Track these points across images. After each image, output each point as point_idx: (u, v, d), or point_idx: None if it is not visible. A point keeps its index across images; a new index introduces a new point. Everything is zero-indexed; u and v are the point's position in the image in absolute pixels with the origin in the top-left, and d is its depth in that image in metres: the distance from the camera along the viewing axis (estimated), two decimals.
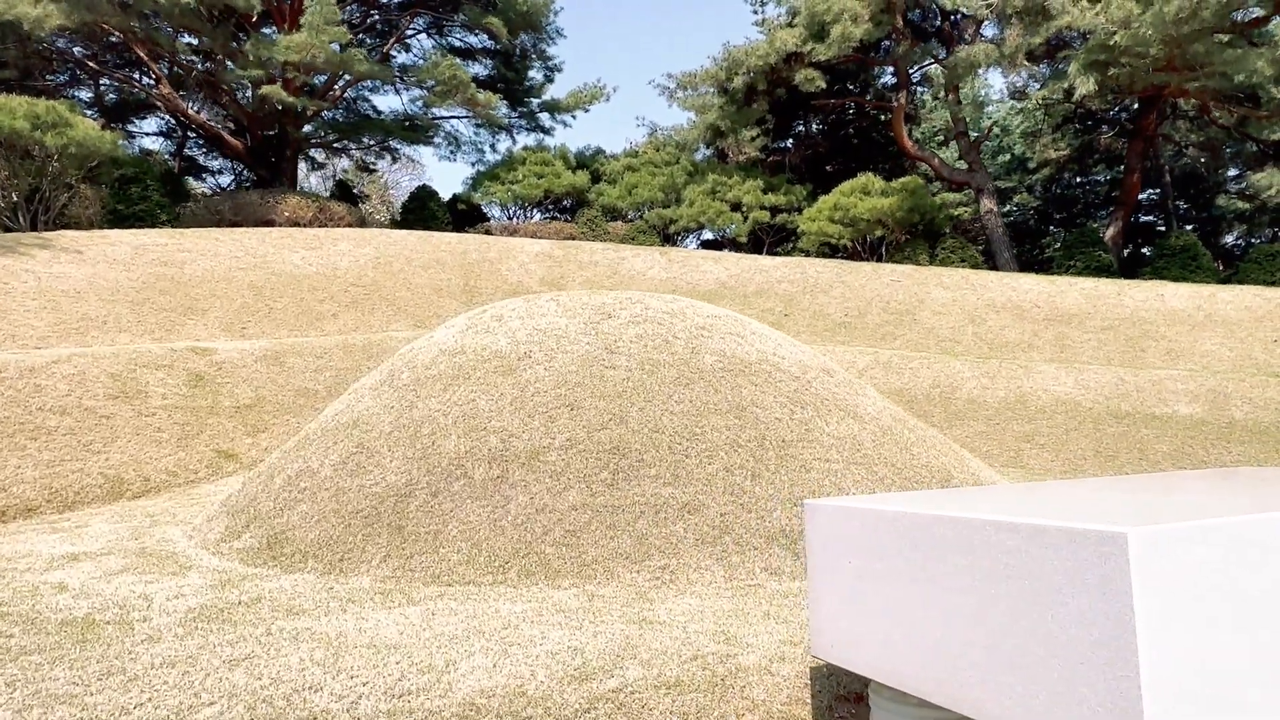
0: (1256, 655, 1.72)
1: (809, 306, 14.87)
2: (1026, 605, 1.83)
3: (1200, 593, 1.68)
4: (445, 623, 3.66)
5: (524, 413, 5.54)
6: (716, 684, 3.01)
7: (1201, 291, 12.57)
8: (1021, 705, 1.84)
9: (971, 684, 1.99)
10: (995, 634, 1.91)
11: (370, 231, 16.68)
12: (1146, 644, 1.59)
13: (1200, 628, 1.67)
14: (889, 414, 6.63)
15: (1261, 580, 1.75)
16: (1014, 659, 1.86)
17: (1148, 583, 1.61)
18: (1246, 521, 1.77)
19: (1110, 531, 1.64)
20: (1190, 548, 1.68)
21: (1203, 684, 1.65)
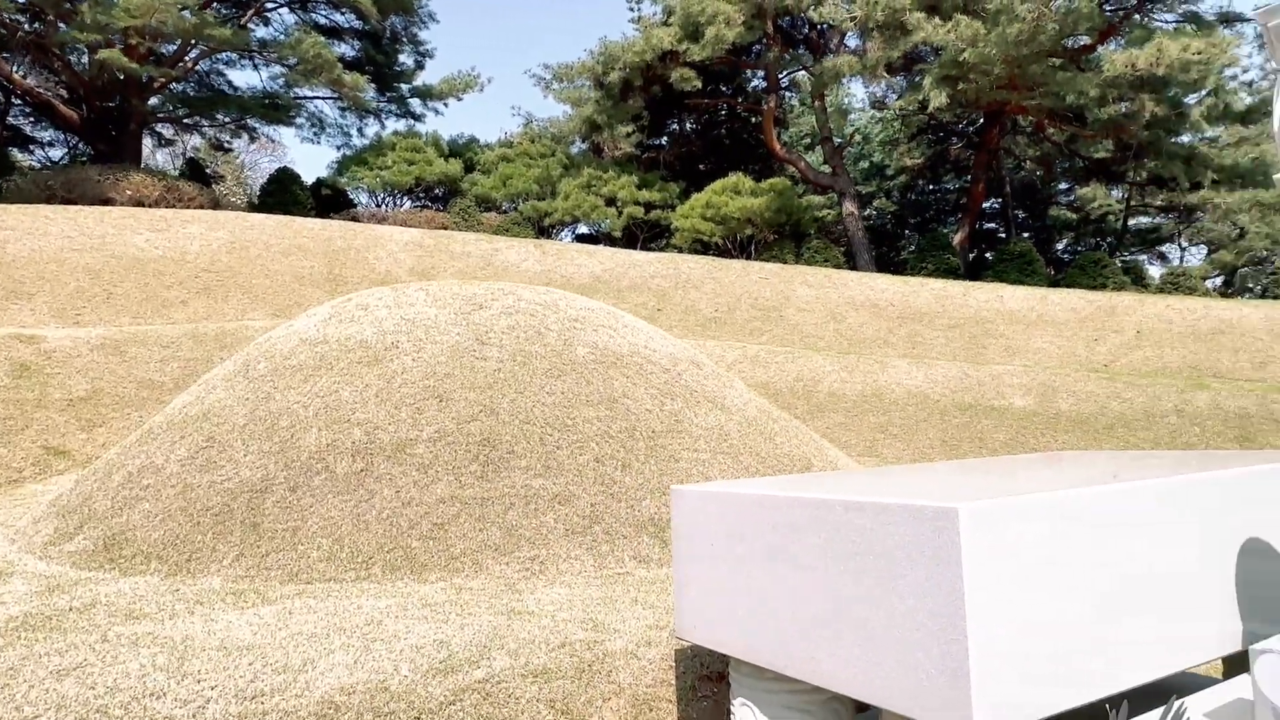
0: (1074, 617, 1.91)
1: (681, 301, 15.15)
2: (872, 579, 1.95)
3: (1024, 561, 1.84)
4: (303, 621, 3.52)
5: (390, 404, 5.39)
6: (583, 670, 3.04)
7: (1035, 294, 13.69)
8: (865, 673, 1.97)
9: (822, 656, 2.10)
10: (844, 607, 2.03)
11: (225, 214, 15.70)
12: (973, 609, 1.73)
13: (1023, 593, 1.83)
14: (754, 406, 6.87)
15: (1078, 548, 1.94)
16: (860, 630, 1.98)
17: (975, 553, 1.75)
18: (1065, 496, 1.95)
19: (943, 507, 1.78)
20: (1014, 520, 1.83)
21: (1026, 645, 1.81)
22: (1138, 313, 12.50)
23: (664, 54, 19.66)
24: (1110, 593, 1.98)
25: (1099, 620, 1.95)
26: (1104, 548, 1.97)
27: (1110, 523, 1.99)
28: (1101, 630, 1.95)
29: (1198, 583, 2.22)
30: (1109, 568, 1.98)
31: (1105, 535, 1.98)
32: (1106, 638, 1.95)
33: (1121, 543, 2.01)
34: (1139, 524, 2.06)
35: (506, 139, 24.65)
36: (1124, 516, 2.03)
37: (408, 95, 23.79)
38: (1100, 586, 1.96)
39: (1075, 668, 1.89)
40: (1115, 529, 2.00)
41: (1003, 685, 1.74)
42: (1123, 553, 2.02)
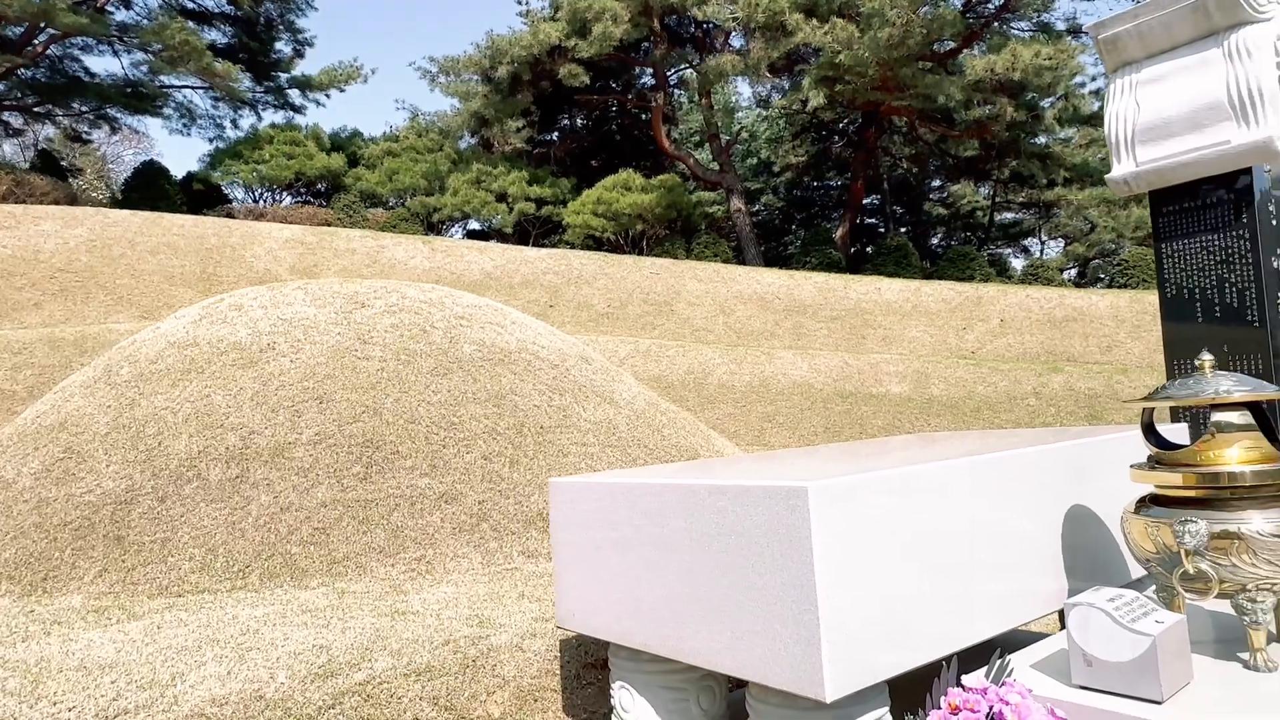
0: (917, 583, 2.07)
1: (573, 297, 15.17)
2: (734, 558, 2.06)
3: (869, 533, 1.98)
4: (173, 635, 3.38)
5: (267, 407, 5.21)
6: (467, 666, 3.05)
7: (910, 286, 14.42)
8: (731, 648, 2.07)
9: (692, 635, 2.19)
10: (710, 587, 2.13)
11: (84, 210, 14.68)
12: (823, 581, 1.86)
13: (870, 563, 1.97)
14: (643, 399, 6.99)
15: (919, 519, 2.10)
16: (725, 608, 2.09)
17: (824, 528, 1.88)
18: (907, 471, 2.11)
19: (794, 486, 1.90)
20: (859, 495, 1.97)
21: (873, 611, 1.95)
22: (1001, 303, 13.37)
23: (552, 49, 19.60)
24: (951, 558, 2.15)
25: (941, 584, 2.12)
26: (943, 517, 2.14)
27: (949, 494, 2.17)
28: (943, 593, 2.12)
29: (1031, 546, 2.43)
30: (949, 535, 2.15)
31: (944, 505, 2.15)
32: (948, 600, 2.12)
33: (960, 512, 2.19)
34: (976, 494, 2.25)
35: (392, 133, 24.01)
36: (962, 488, 2.21)
37: (286, 86, 22.83)
38: (941, 553, 2.13)
39: (920, 630, 2.05)
40: (954, 499, 2.18)
41: (852, 650, 1.88)
42: (962, 521, 2.20)
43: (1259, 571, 1.94)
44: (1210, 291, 4.78)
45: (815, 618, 1.85)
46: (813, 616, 1.86)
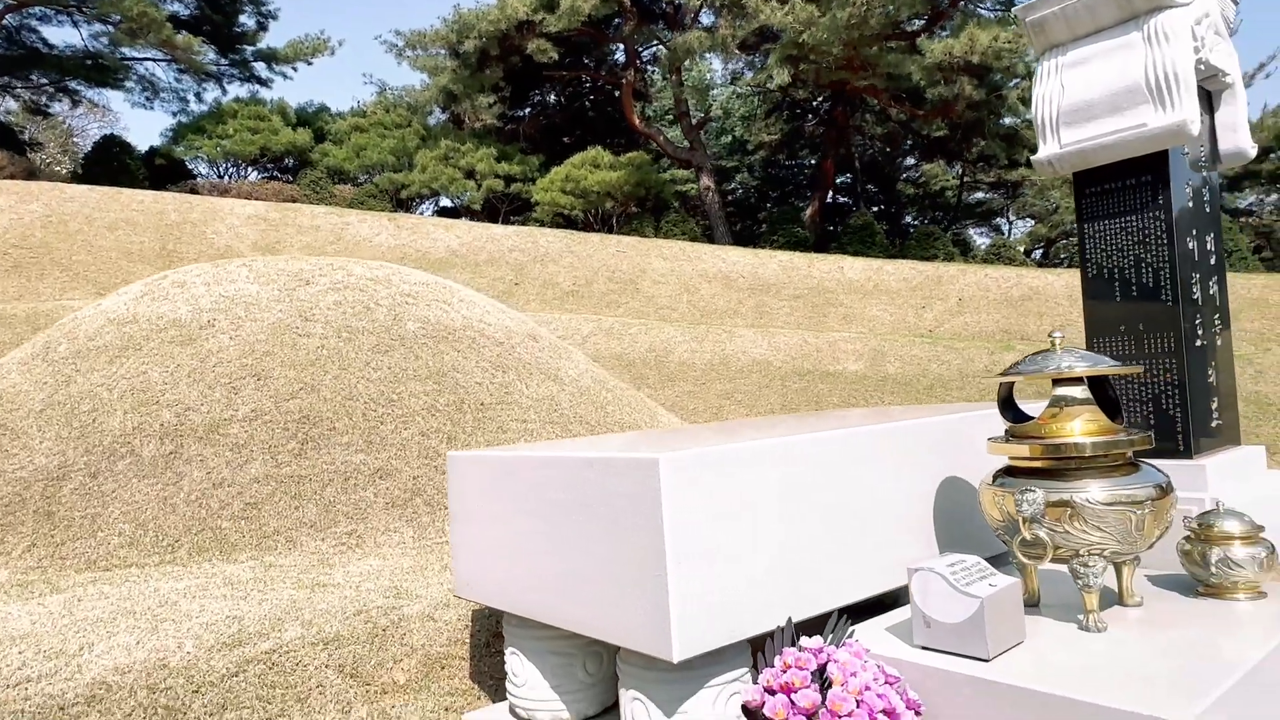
0: (771, 551, 2.16)
1: (539, 275, 15.17)
2: (602, 528, 2.14)
3: (720, 503, 2.07)
4: (91, 607, 3.43)
5: (203, 384, 5.23)
6: (377, 635, 3.13)
7: (872, 265, 14.55)
8: (602, 614, 2.15)
9: (568, 602, 2.28)
10: (583, 555, 2.21)
11: (39, 185, 14.45)
12: (673, 546, 1.94)
13: (720, 531, 2.06)
14: (590, 376, 7.06)
15: (781, 489, 2.19)
16: (596, 574, 2.17)
17: (674, 498, 1.96)
18: (763, 444, 2.19)
19: (648, 458, 1.97)
20: (712, 467, 2.05)
21: (724, 577, 2.04)
22: (960, 282, 13.53)
23: (520, 24, 19.42)
24: (809, 527, 2.24)
25: (799, 552, 2.21)
26: (802, 488, 2.23)
27: (808, 466, 2.26)
28: (801, 560, 2.21)
29: (898, 517, 2.53)
30: (809, 505, 2.24)
31: (803, 477, 2.24)
32: (806, 567, 2.22)
33: (821, 483, 2.28)
34: (839, 466, 2.34)
35: (359, 108, 23.72)
36: (823, 460, 2.30)
37: (250, 59, 22.47)
38: (800, 522, 2.22)
39: (775, 595, 2.14)
40: (814, 471, 2.27)
41: (700, 614, 1.97)
42: (823, 492, 2.29)
43: (1089, 538, 2.05)
44: (1128, 271, 4.91)
45: (664, 582, 1.94)
46: (662, 581, 1.95)
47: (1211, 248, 5.07)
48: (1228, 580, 2.22)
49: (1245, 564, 2.20)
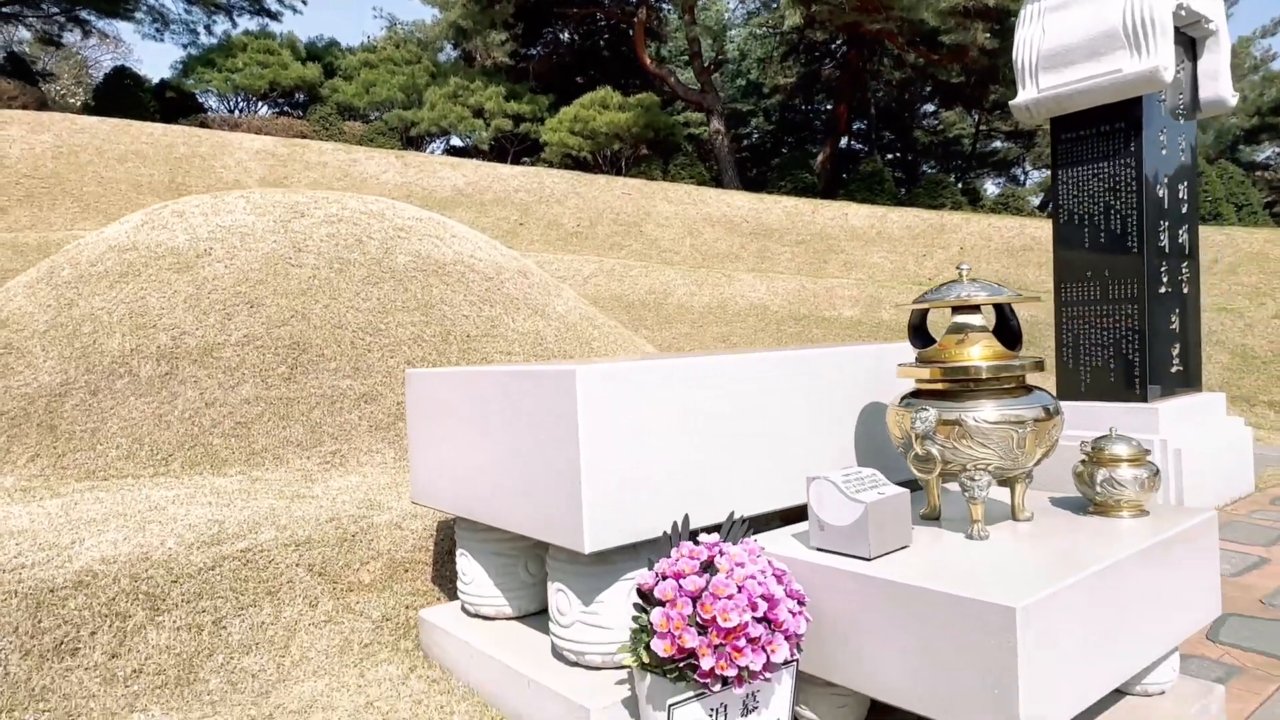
0: (684, 460, 2.35)
1: (544, 216, 15.23)
2: (534, 436, 2.32)
3: (637, 413, 2.25)
4: (87, 509, 3.69)
5: (199, 310, 5.44)
6: (346, 540, 3.37)
7: (877, 212, 14.51)
8: (534, 515, 2.36)
9: (507, 505, 2.48)
10: (519, 461, 2.40)
11: (50, 116, 14.57)
12: (586, 450, 2.13)
13: (636, 438, 2.24)
14: (578, 314, 7.22)
15: (693, 404, 2.37)
16: (529, 478, 2.37)
17: (589, 409, 2.14)
18: (682, 361, 2.37)
19: (568, 369, 2.15)
20: (623, 380, 2.22)
21: (632, 482, 2.23)
22: (963, 230, 13.49)
23: None
24: (722, 440, 2.43)
25: (700, 465, 2.40)
26: (714, 404, 2.41)
27: (713, 385, 2.43)
28: (702, 473, 2.40)
29: (814, 435, 2.71)
30: (722, 420, 2.42)
31: (717, 395, 2.41)
32: (707, 479, 2.40)
33: (734, 401, 2.46)
34: (741, 387, 2.51)
35: (369, 43, 23.51)
36: (726, 381, 2.47)
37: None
38: (712, 435, 2.40)
39: (677, 503, 2.34)
40: (718, 391, 2.44)
41: (610, 513, 2.16)
42: (737, 409, 2.46)
43: (975, 453, 2.22)
44: (1098, 218, 4.99)
45: (578, 482, 2.14)
46: (576, 481, 2.14)
47: (1185, 196, 5.13)
48: (1111, 499, 2.39)
49: (1127, 484, 2.36)
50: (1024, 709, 1.73)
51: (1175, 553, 2.24)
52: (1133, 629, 2.07)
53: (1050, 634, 1.79)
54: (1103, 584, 1.96)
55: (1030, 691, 1.74)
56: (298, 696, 2.71)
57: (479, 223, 14.98)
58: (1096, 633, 1.94)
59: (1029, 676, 1.74)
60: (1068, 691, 1.85)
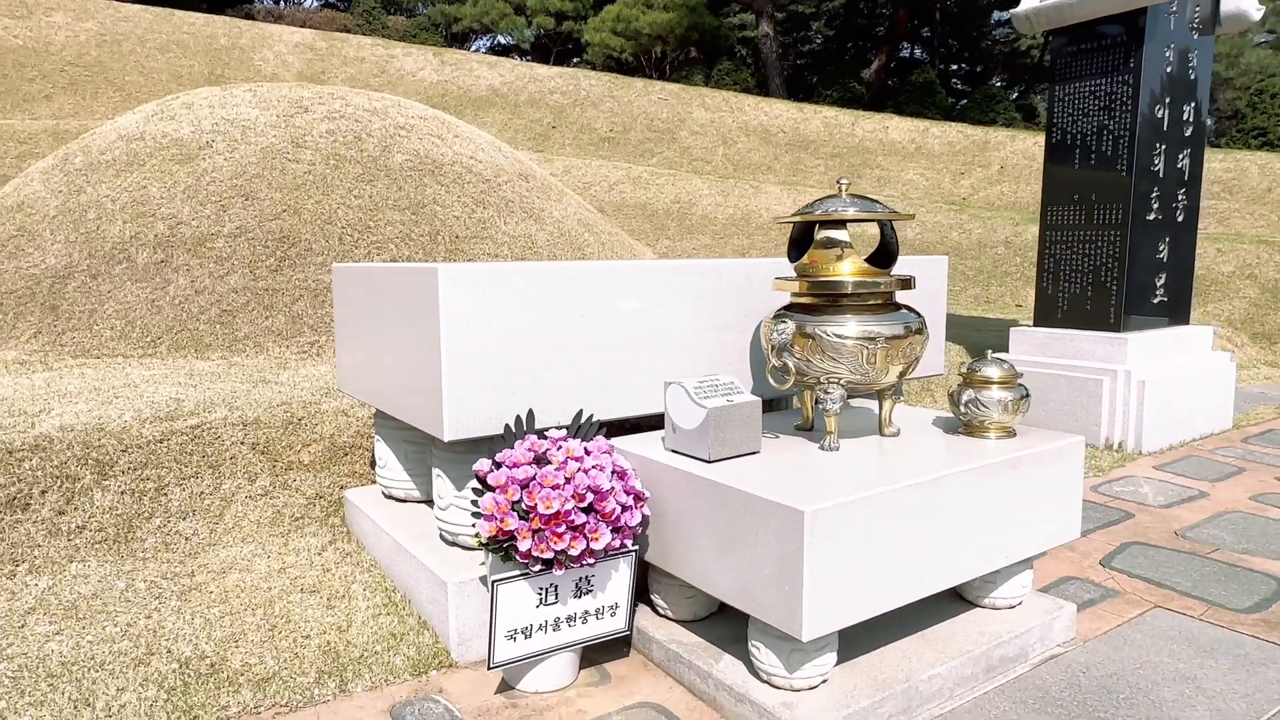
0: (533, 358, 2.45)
1: (577, 120, 15.04)
2: (411, 330, 2.43)
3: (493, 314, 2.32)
4: (67, 384, 3.98)
5: (196, 201, 5.63)
6: (292, 423, 3.59)
7: (919, 126, 13.95)
8: (410, 403, 2.48)
9: (399, 398, 2.62)
10: (406, 354, 2.53)
11: (94, 2, 14.73)
12: (447, 344, 2.24)
13: (489, 336, 2.34)
14: (575, 219, 7.25)
15: (539, 308, 2.45)
16: (409, 372, 2.49)
17: (451, 305, 2.23)
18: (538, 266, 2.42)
19: (430, 268, 2.24)
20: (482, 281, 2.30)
21: (491, 373, 2.34)
22: (1006, 149, 12.91)
23: None
24: (576, 347, 2.51)
25: (562, 367, 2.49)
26: (566, 311, 2.47)
27: (577, 291, 2.48)
28: (564, 374, 2.49)
29: (683, 347, 2.77)
30: (573, 327, 2.49)
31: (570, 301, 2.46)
32: (569, 381, 2.50)
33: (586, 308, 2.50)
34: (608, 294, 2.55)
35: None
36: (592, 287, 2.52)
37: None
38: (564, 341, 2.48)
39: (539, 401, 2.43)
40: (584, 297, 2.49)
41: (469, 405, 2.28)
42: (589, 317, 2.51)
43: (827, 367, 2.27)
44: (1090, 138, 4.80)
45: (439, 374, 2.26)
46: (437, 373, 2.26)
47: (1190, 118, 4.90)
48: (976, 419, 2.43)
49: (990, 405, 2.39)
50: (807, 606, 1.84)
51: (1021, 473, 2.28)
52: (956, 543, 2.15)
53: (843, 539, 1.88)
54: (918, 498, 2.03)
55: (815, 591, 1.85)
56: (222, 559, 2.97)
57: (512, 124, 14.87)
58: (907, 543, 2.02)
59: (814, 577, 1.84)
60: (862, 595, 1.95)
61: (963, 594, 2.53)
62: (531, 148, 14.20)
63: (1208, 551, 3.19)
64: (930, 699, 2.12)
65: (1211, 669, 2.31)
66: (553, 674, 2.21)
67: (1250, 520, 3.54)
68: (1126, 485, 4.01)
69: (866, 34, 30.51)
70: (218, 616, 2.53)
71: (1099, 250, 4.75)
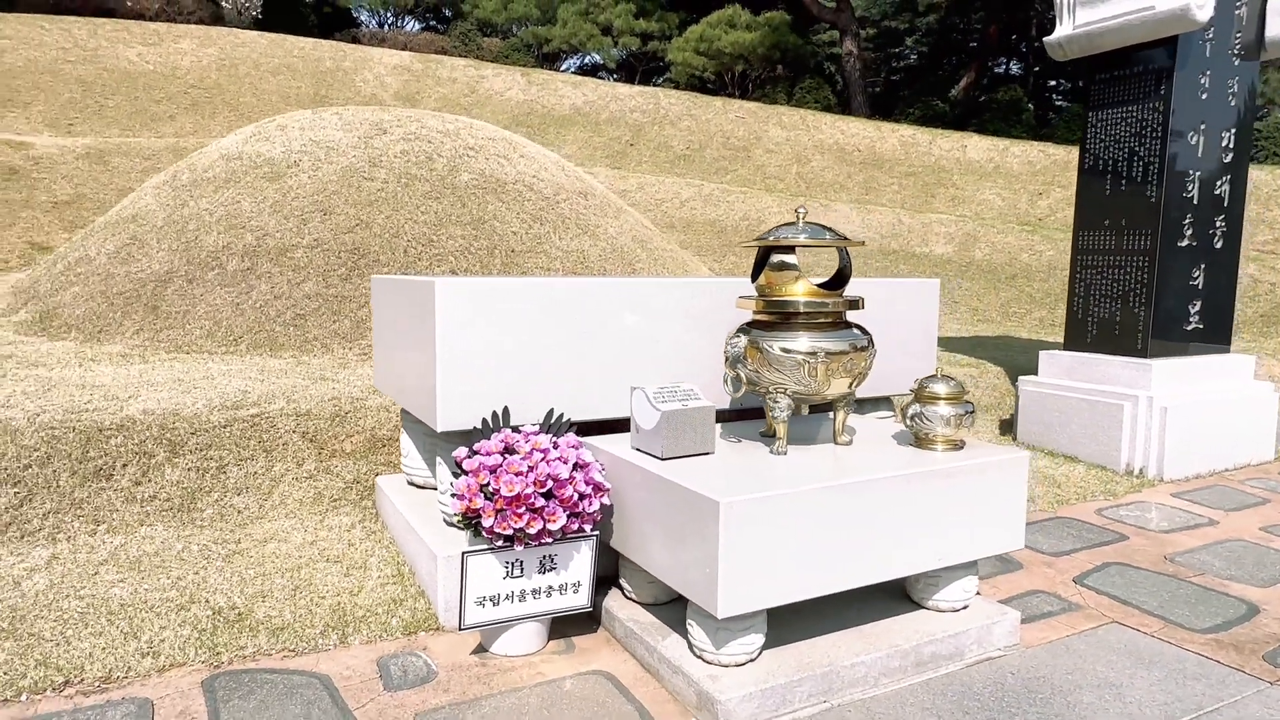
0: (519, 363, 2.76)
1: (655, 138, 15.43)
2: (415, 336, 2.79)
3: (485, 321, 2.67)
4: (157, 375, 4.55)
5: (281, 215, 6.24)
6: (339, 416, 4.03)
7: (999, 145, 13.73)
8: (417, 400, 2.83)
9: (410, 395, 2.98)
10: (412, 357, 2.89)
11: (217, 30, 16.06)
12: (440, 347, 2.59)
13: (480, 342, 2.67)
14: (631, 235, 7.58)
15: (527, 318, 2.76)
16: (415, 372, 2.85)
17: (445, 310, 2.58)
18: (529, 281, 2.75)
19: (428, 281, 2.60)
20: (477, 294, 2.64)
21: (480, 375, 2.67)
22: None
23: None
24: (561, 355, 2.81)
25: (545, 372, 2.80)
26: (554, 321, 2.78)
27: (564, 305, 2.79)
28: (547, 379, 2.80)
29: (664, 356, 3.04)
30: (560, 336, 2.80)
31: (556, 313, 2.77)
32: (551, 385, 2.80)
33: (571, 319, 2.81)
34: (596, 307, 2.85)
35: None
36: (577, 301, 2.82)
37: None
38: (551, 350, 2.79)
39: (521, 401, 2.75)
40: (569, 309, 2.80)
41: (459, 403, 2.62)
42: (575, 326, 2.82)
43: (774, 378, 2.51)
44: (1121, 164, 4.83)
45: (434, 372, 2.60)
46: (433, 372, 2.61)
47: (1230, 145, 4.88)
48: (922, 432, 2.61)
49: (934, 420, 2.57)
50: (722, 587, 2.09)
51: (957, 483, 2.46)
52: (884, 542, 2.35)
53: (759, 530, 2.12)
54: (839, 497, 2.24)
55: (730, 573, 2.09)
56: (265, 530, 3.40)
57: (592, 142, 15.37)
58: (828, 538, 2.24)
59: (729, 561, 2.09)
60: (780, 581, 2.18)
61: (911, 596, 2.70)
62: (609, 165, 14.64)
63: (1190, 576, 3.24)
64: (852, 685, 2.32)
65: (1141, 679, 2.43)
66: (522, 641, 2.51)
67: (1249, 549, 3.54)
68: (1134, 510, 4.04)
69: (961, 49, 29.93)
70: (252, 577, 2.95)
71: (1128, 275, 4.77)
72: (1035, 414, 5.07)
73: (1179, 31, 4.43)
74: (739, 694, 2.13)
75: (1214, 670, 2.48)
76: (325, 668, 2.40)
